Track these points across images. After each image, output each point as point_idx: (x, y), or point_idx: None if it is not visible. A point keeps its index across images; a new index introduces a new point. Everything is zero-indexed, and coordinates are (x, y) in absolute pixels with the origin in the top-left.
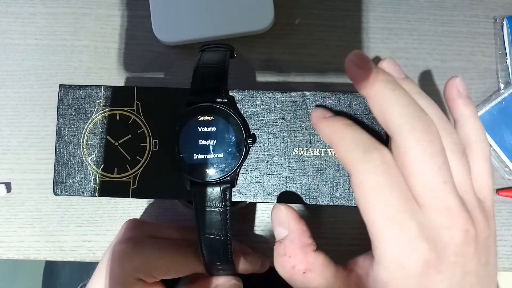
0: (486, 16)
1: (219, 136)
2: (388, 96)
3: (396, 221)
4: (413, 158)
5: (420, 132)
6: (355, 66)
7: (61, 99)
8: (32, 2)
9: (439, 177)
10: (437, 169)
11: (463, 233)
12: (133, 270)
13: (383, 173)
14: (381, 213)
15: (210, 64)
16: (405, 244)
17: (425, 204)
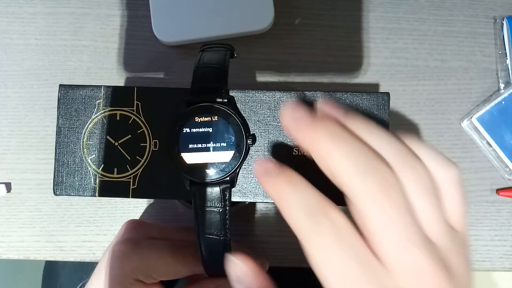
0: (486, 16)
1: (218, 136)
2: (331, 150)
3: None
4: (371, 221)
5: (376, 193)
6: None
7: (61, 99)
8: (32, 2)
9: (403, 239)
10: (402, 232)
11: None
12: (132, 271)
13: (334, 246)
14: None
15: (210, 64)
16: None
17: (392, 267)
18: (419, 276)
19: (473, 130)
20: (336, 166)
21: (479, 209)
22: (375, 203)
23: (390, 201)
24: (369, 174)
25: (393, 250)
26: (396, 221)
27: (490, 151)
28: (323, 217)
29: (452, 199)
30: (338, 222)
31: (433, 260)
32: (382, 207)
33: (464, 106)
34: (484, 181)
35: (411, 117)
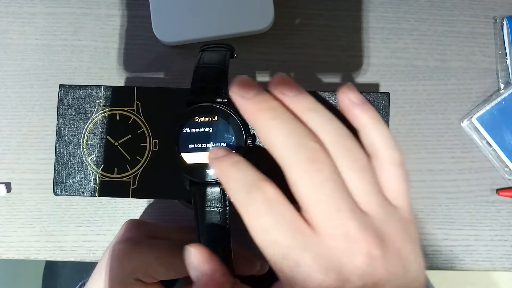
0: (486, 16)
1: (219, 136)
2: (270, 126)
3: (289, 258)
4: (301, 189)
5: (305, 162)
6: (237, 96)
7: (61, 99)
8: (32, 2)
9: (331, 205)
10: (328, 197)
11: (364, 257)
12: (132, 270)
13: (266, 214)
14: (273, 253)
15: (210, 64)
16: (302, 279)
17: (321, 233)
18: (347, 241)
19: (473, 130)
20: (271, 139)
21: (479, 209)
22: (303, 172)
23: (317, 170)
24: (299, 147)
25: (321, 216)
26: (324, 189)
27: (490, 151)
28: (256, 190)
29: (391, 177)
30: (270, 194)
31: (363, 227)
32: (309, 175)
33: (464, 106)
34: (484, 181)
35: (411, 117)
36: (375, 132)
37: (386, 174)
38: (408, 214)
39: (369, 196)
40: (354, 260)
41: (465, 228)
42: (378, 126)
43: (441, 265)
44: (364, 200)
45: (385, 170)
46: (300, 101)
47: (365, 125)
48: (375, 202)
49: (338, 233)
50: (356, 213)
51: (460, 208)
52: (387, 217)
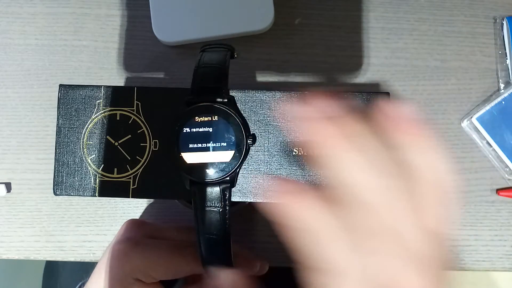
0: (486, 16)
1: (219, 136)
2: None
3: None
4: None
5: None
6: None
7: (61, 99)
8: (32, 2)
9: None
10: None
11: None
12: (131, 270)
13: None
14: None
15: (211, 64)
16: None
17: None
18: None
19: (473, 130)
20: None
21: (479, 209)
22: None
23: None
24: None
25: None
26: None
27: (490, 151)
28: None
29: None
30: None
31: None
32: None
33: (464, 106)
34: (484, 181)
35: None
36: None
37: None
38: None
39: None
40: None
41: (465, 228)
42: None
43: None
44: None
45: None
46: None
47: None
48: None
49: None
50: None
51: (460, 208)
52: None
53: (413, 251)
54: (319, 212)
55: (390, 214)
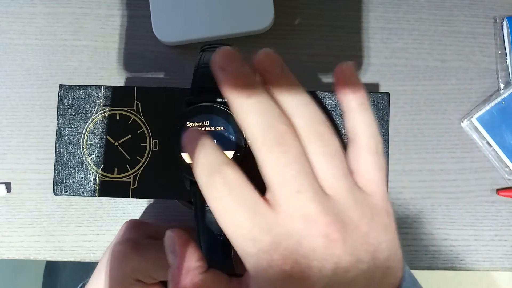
0: (486, 16)
1: (219, 136)
2: (243, 105)
3: (248, 238)
4: (266, 169)
5: (272, 144)
6: (218, 67)
7: (61, 99)
8: (32, 2)
9: (293, 186)
10: (291, 179)
11: (323, 239)
12: (132, 271)
13: (226, 196)
14: (235, 235)
15: None
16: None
17: (281, 214)
18: (305, 222)
19: (473, 130)
20: (244, 117)
21: (479, 209)
22: (270, 153)
23: (283, 152)
24: (268, 128)
25: (282, 197)
26: (288, 170)
27: (490, 151)
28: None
29: (366, 164)
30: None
31: (323, 209)
32: (274, 156)
33: (464, 106)
34: (484, 181)
35: (411, 117)
36: (359, 118)
37: (361, 160)
38: (382, 202)
39: (336, 181)
40: (312, 241)
41: (465, 228)
42: (364, 113)
43: (441, 265)
44: (330, 184)
45: (360, 157)
46: (280, 81)
47: (352, 109)
48: (341, 187)
49: (297, 213)
50: (319, 195)
51: (460, 208)
52: (353, 202)
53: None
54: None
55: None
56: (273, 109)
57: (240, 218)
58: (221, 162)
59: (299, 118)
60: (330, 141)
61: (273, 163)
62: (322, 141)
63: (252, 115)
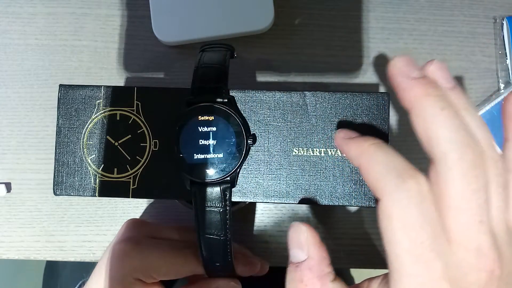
0: (486, 16)
1: (219, 136)
2: (437, 116)
3: (422, 259)
4: (453, 191)
5: (468, 165)
6: (401, 75)
7: (61, 99)
8: (32, 2)
9: (476, 216)
10: (477, 208)
11: (488, 274)
12: (132, 270)
13: (416, 207)
14: (407, 249)
15: (211, 64)
16: (426, 283)
17: (455, 241)
18: (478, 257)
19: None
20: (435, 129)
21: None
22: (463, 175)
23: (476, 176)
24: (465, 147)
25: (462, 225)
26: (473, 197)
27: None
28: (410, 179)
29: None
30: (425, 188)
31: (494, 244)
32: (468, 180)
33: None
34: None
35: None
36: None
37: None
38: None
39: (501, 214)
40: (477, 275)
41: None
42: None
43: None
44: (495, 217)
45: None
46: (457, 97)
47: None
48: (503, 220)
49: (472, 246)
50: (491, 232)
51: None
52: (509, 238)
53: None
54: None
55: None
56: (465, 127)
57: (421, 236)
58: (413, 167)
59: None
60: (503, 170)
61: (463, 186)
62: (498, 169)
63: (447, 129)
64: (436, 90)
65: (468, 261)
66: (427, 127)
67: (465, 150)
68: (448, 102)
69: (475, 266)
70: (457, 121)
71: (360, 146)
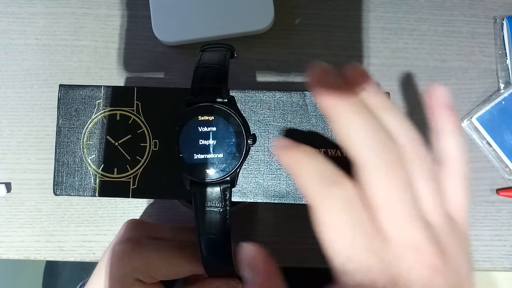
0: (486, 16)
1: (219, 136)
2: (352, 121)
3: (358, 261)
4: (377, 192)
5: (386, 166)
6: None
7: (61, 99)
8: (32, 2)
9: (405, 212)
10: (404, 204)
11: (430, 269)
12: (132, 271)
13: (345, 212)
14: (343, 253)
15: (211, 64)
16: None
17: (391, 240)
18: (415, 251)
19: (473, 130)
20: (352, 133)
21: (479, 209)
22: (383, 175)
23: (397, 175)
24: (381, 148)
25: (394, 223)
26: (399, 195)
27: (490, 151)
28: (336, 186)
29: (457, 190)
30: (350, 192)
31: (430, 239)
32: (388, 179)
33: (464, 106)
34: (484, 181)
35: (411, 117)
36: (453, 142)
37: (452, 185)
38: (466, 230)
39: (435, 207)
40: (418, 271)
41: None
42: (459, 138)
43: None
44: (430, 211)
45: (452, 182)
46: (377, 99)
47: (447, 131)
48: (439, 214)
49: (407, 242)
50: (425, 223)
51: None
52: (449, 231)
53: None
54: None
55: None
56: (381, 128)
57: (352, 238)
58: (340, 174)
59: (401, 137)
60: (430, 164)
61: (386, 186)
62: (425, 165)
63: (362, 133)
64: (351, 96)
65: (407, 258)
66: (344, 133)
67: (382, 152)
68: (364, 106)
69: (414, 263)
70: (373, 124)
71: (292, 155)
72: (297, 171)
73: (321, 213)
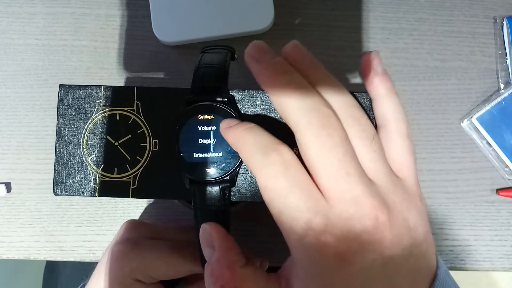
0: (486, 16)
1: (219, 135)
2: (285, 90)
3: (300, 220)
4: (312, 153)
5: (317, 127)
6: (253, 60)
7: (61, 99)
8: (32, 2)
9: (341, 169)
10: (338, 162)
11: (372, 221)
12: (131, 271)
13: (282, 175)
14: (286, 215)
15: (211, 64)
16: (313, 242)
17: (331, 197)
18: (356, 205)
19: (473, 130)
20: (285, 102)
21: (479, 209)
22: (315, 136)
23: (329, 135)
24: (312, 111)
25: (331, 180)
26: (334, 153)
27: (490, 151)
28: (273, 152)
29: (398, 148)
30: (286, 156)
31: (371, 192)
32: (320, 139)
33: (464, 106)
34: (484, 181)
35: (411, 117)
36: (388, 104)
37: (393, 145)
38: (414, 186)
39: (376, 165)
40: (362, 223)
41: (465, 228)
42: (391, 98)
43: None
44: (370, 168)
45: (392, 142)
46: (313, 70)
47: (381, 95)
48: (381, 171)
49: (347, 197)
50: (364, 178)
51: (460, 208)
52: (392, 186)
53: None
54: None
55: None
56: (314, 92)
57: (294, 199)
58: (276, 141)
59: (335, 103)
60: (367, 126)
61: (319, 146)
62: (360, 125)
63: (294, 100)
64: (284, 68)
65: (348, 212)
66: (279, 102)
67: (312, 114)
68: (298, 77)
69: (356, 215)
70: (304, 90)
71: (235, 132)
72: (240, 147)
73: (264, 180)
